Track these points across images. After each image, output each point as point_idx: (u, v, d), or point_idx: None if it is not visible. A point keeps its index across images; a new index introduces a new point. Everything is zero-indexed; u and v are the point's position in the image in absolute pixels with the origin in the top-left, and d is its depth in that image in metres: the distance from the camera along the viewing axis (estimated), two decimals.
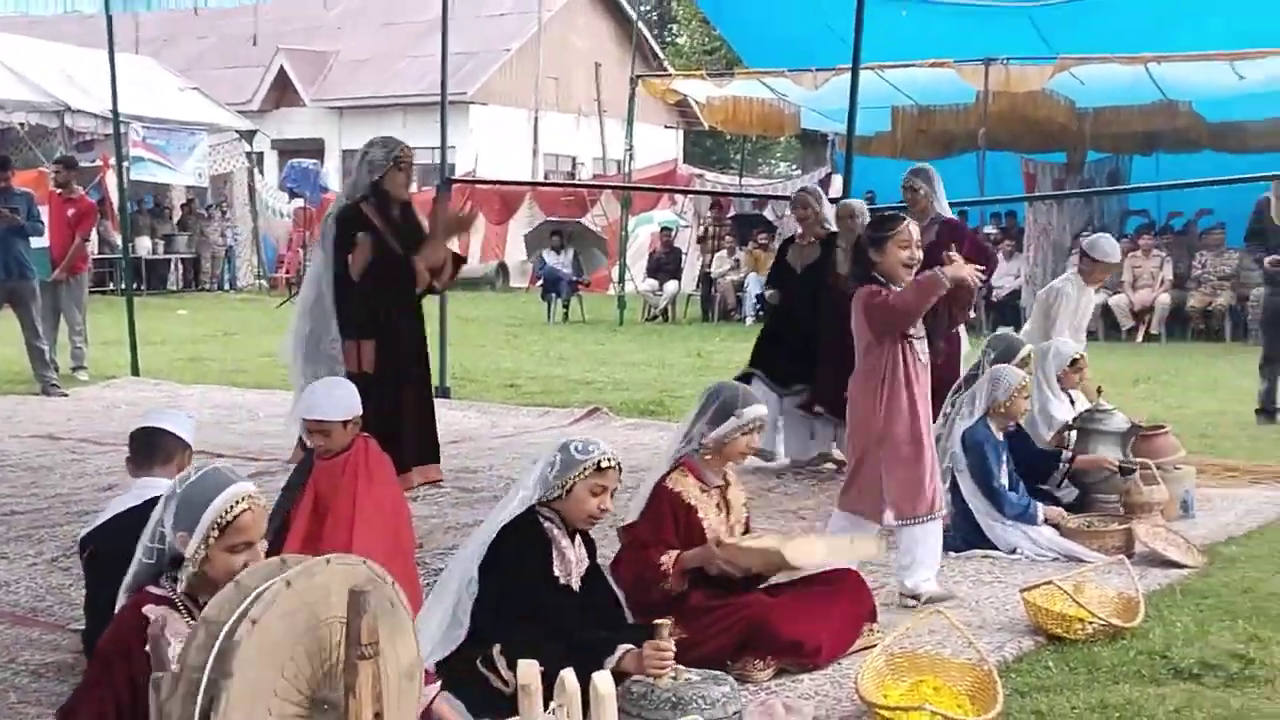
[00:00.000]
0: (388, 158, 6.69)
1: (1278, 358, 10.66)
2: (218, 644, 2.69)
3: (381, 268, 6.71)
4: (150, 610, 3.18)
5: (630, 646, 4.06)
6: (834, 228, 8.79)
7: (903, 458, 5.52)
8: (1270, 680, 4.62)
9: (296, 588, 2.80)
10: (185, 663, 2.74)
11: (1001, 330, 7.44)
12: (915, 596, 5.56)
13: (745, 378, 8.19)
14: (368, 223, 6.69)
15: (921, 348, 5.58)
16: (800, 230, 9.01)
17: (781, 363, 8.73)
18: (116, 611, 3.37)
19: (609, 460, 4.29)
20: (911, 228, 5.58)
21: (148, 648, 2.95)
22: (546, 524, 4.30)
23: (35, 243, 12.19)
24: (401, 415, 6.69)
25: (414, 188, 7.02)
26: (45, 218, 12.41)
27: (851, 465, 5.80)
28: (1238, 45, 15.82)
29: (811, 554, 4.87)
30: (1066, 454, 7.08)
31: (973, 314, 12.31)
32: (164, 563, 3.36)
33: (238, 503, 3.32)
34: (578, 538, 4.40)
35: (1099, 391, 7.26)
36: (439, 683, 3.71)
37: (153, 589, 3.33)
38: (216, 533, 3.27)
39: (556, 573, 4.28)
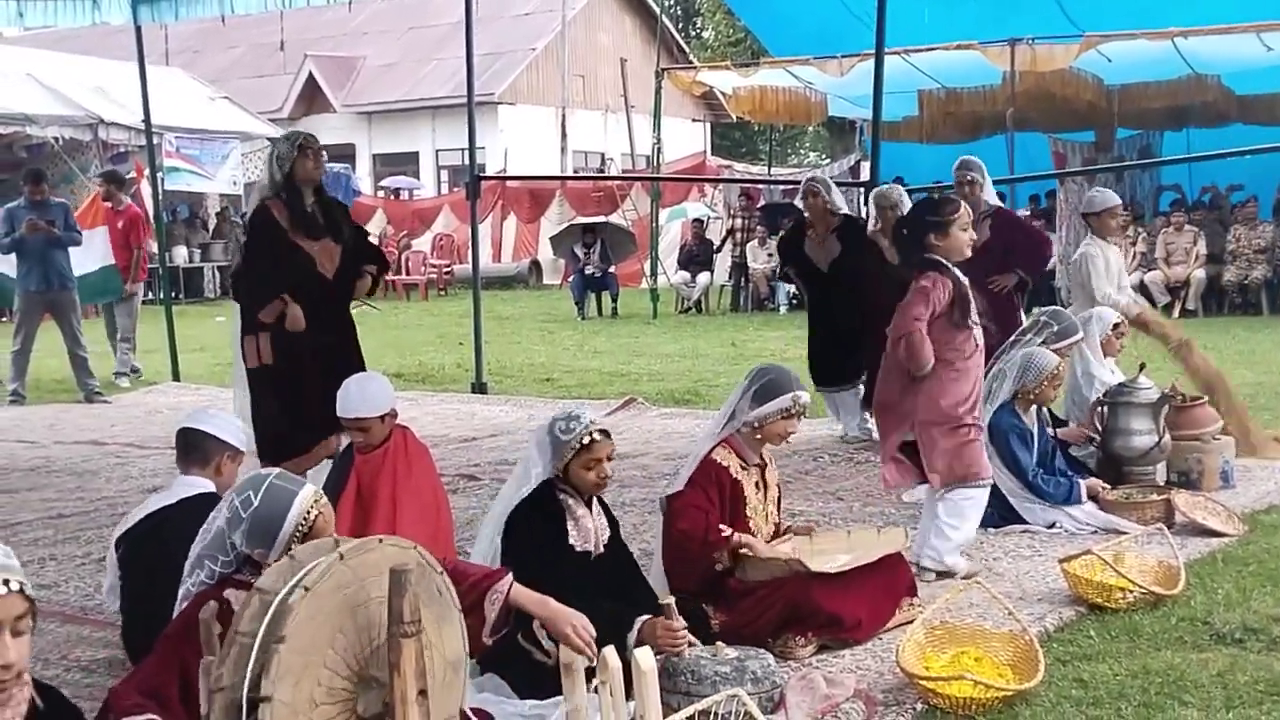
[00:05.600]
0: (292, 148, 6.73)
1: None
2: (271, 610, 2.75)
3: (284, 266, 6.66)
4: (229, 595, 3.29)
5: (648, 617, 4.12)
6: (846, 212, 8.84)
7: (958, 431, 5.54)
8: None
9: (349, 563, 2.86)
10: (238, 630, 2.80)
11: (1050, 308, 7.36)
12: (949, 574, 5.58)
13: None
14: (274, 222, 6.66)
15: (978, 333, 5.59)
16: (810, 218, 8.97)
17: (835, 366, 8.90)
18: (196, 595, 3.43)
19: (592, 435, 4.29)
20: (965, 207, 5.65)
21: (217, 631, 2.99)
22: (561, 495, 4.36)
23: (97, 260, 12.52)
24: (303, 402, 6.56)
25: (324, 171, 6.94)
26: (105, 235, 12.73)
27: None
28: (1264, 16, 15.66)
29: (836, 560, 4.89)
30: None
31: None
32: (240, 563, 3.45)
33: (309, 511, 3.41)
34: (595, 505, 4.46)
35: (1141, 368, 7.19)
36: (510, 574, 3.65)
37: (238, 576, 3.42)
38: (298, 544, 3.34)
39: (573, 541, 4.34)
